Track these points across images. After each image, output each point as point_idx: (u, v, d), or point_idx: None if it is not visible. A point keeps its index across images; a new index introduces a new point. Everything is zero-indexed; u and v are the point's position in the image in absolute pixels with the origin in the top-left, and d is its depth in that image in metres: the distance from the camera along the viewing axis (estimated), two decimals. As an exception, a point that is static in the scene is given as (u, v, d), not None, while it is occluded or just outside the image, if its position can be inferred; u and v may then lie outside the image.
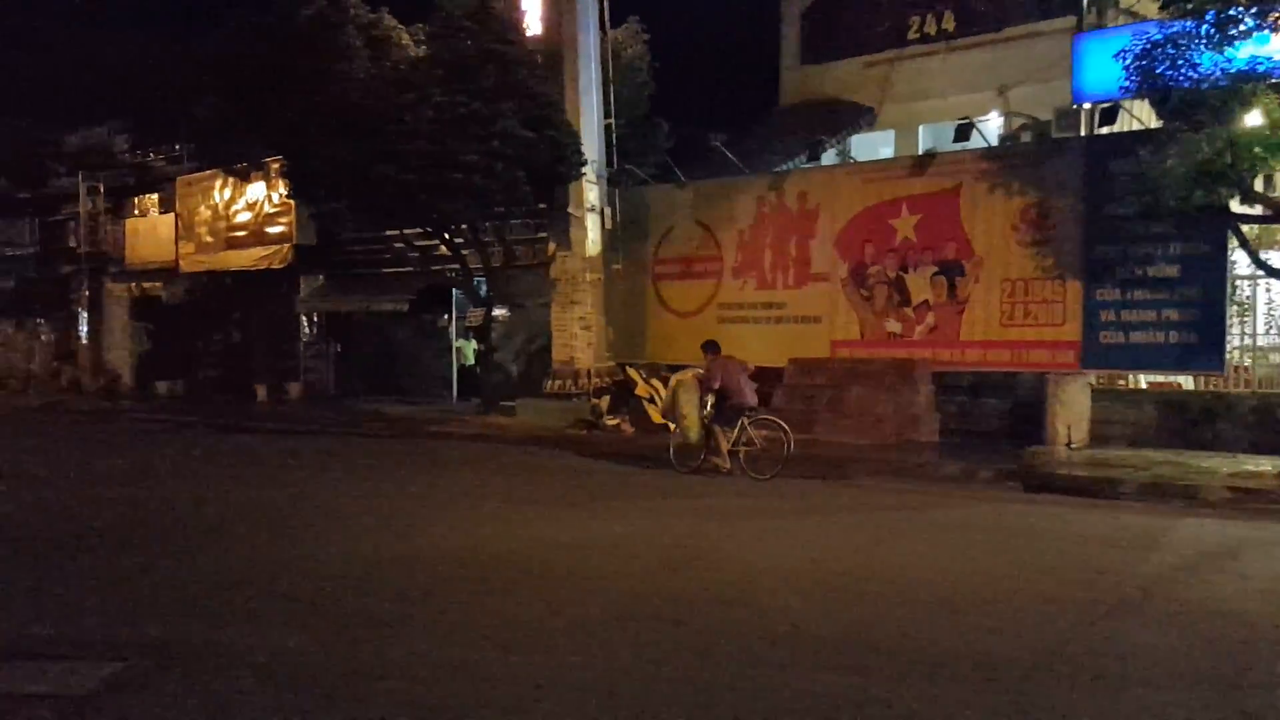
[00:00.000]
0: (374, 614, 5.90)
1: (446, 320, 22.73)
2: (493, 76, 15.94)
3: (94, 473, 12.38)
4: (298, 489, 11.03)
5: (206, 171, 26.10)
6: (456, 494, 10.75)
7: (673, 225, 18.02)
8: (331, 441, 16.24)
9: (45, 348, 31.61)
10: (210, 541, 8.07)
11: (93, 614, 5.92)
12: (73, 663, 4.95)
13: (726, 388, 12.19)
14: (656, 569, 7.14)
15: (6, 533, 8.41)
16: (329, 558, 7.45)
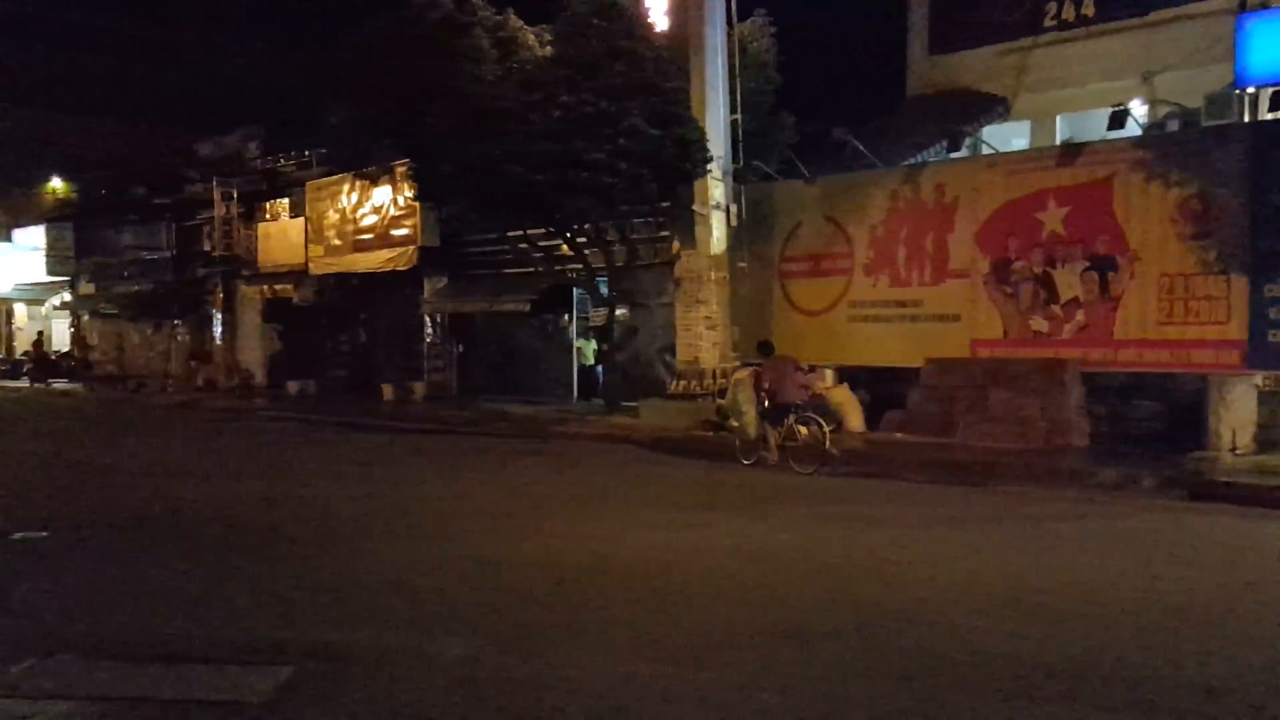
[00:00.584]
0: (543, 622, 5.71)
1: (567, 320, 22.70)
2: (620, 74, 15.77)
3: (239, 471, 12.57)
4: (442, 489, 11.00)
5: (335, 176, 26.74)
6: (598, 497, 10.53)
7: (800, 222, 17.58)
8: (461, 441, 16.30)
9: (181, 348, 32.81)
10: (363, 542, 8.01)
11: (254, 615, 5.88)
12: (244, 668, 4.88)
13: (773, 387, 12.91)
14: (823, 580, 6.81)
15: (164, 531, 8.51)
16: (487, 561, 7.29)
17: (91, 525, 8.71)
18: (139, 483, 11.24)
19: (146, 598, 6.25)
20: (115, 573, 6.93)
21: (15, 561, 7.34)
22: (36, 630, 5.51)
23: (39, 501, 10.08)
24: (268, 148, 29.84)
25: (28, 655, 5.01)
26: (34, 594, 6.34)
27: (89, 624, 5.63)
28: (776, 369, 13.16)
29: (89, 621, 5.67)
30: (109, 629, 5.55)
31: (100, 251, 35.77)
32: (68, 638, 5.36)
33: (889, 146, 20.35)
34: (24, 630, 5.51)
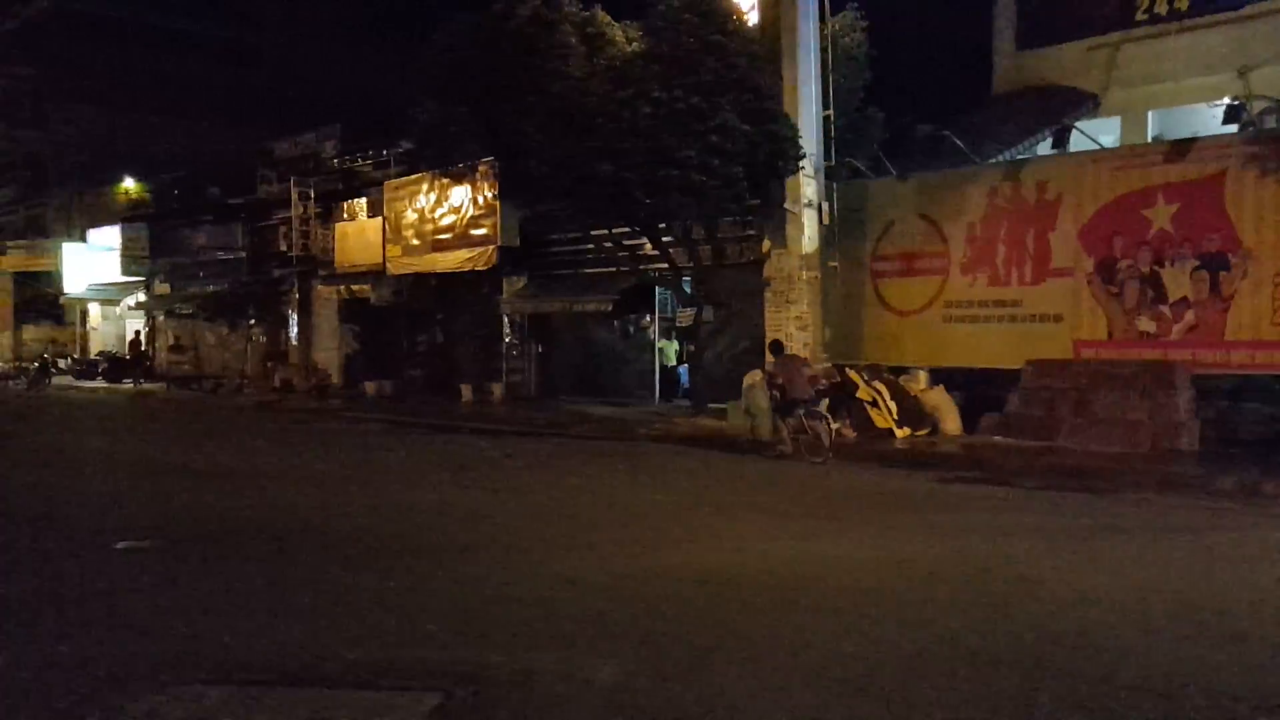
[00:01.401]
0: (698, 641, 5.43)
1: (649, 320, 22.53)
2: (712, 70, 15.57)
3: (338, 476, 12.43)
4: (545, 495, 10.79)
5: (413, 175, 26.84)
6: (708, 503, 10.26)
7: (894, 220, 17.25)
8: (549, 444, 16.17)
9: (256, 348, 33.19)
10: (484, 552, 7.78)
11: (385, 633, 5.64)
12: (389, 693, 4.63)
13: (786, 384, 13.87)
14: (974, 595, 6.47)
15: (271, 540, 8.34)
16: (624, 574, 7.03)
17: (195, 533, 8.52)
18: (238, 488, 11.12)
19: (267, 614, 6.03)
20: (229, 586, 6.69)
21: (125, 573, 7.11)
22: (163, 651, 5.29)
23: (136, 508, 9.98)
24: (345, 147, 30.08)
25: (159, 679, 4.82)
26: (152, 609, 6.15)
27: (216, 643, 5.42)
28: (787, 367, 14.14)
29: (215, 641, 5.46)
30: (238, 649, 5.33)
31: (175, 251, 36.29)
32: (197, 660, 5.15)
33: (974, 144, 19.95)
34: (150, 651, 5.29)
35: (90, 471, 12.69)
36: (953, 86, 24.75)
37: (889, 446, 14.93)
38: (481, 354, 26.14)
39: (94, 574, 7.07)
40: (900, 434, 15.34)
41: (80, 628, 5.72)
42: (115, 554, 7.76)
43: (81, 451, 15.01)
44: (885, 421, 15.45)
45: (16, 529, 8.74)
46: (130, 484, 11.70)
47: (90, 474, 12.49)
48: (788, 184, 16.64)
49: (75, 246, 40.43)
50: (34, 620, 5.91)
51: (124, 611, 6.10)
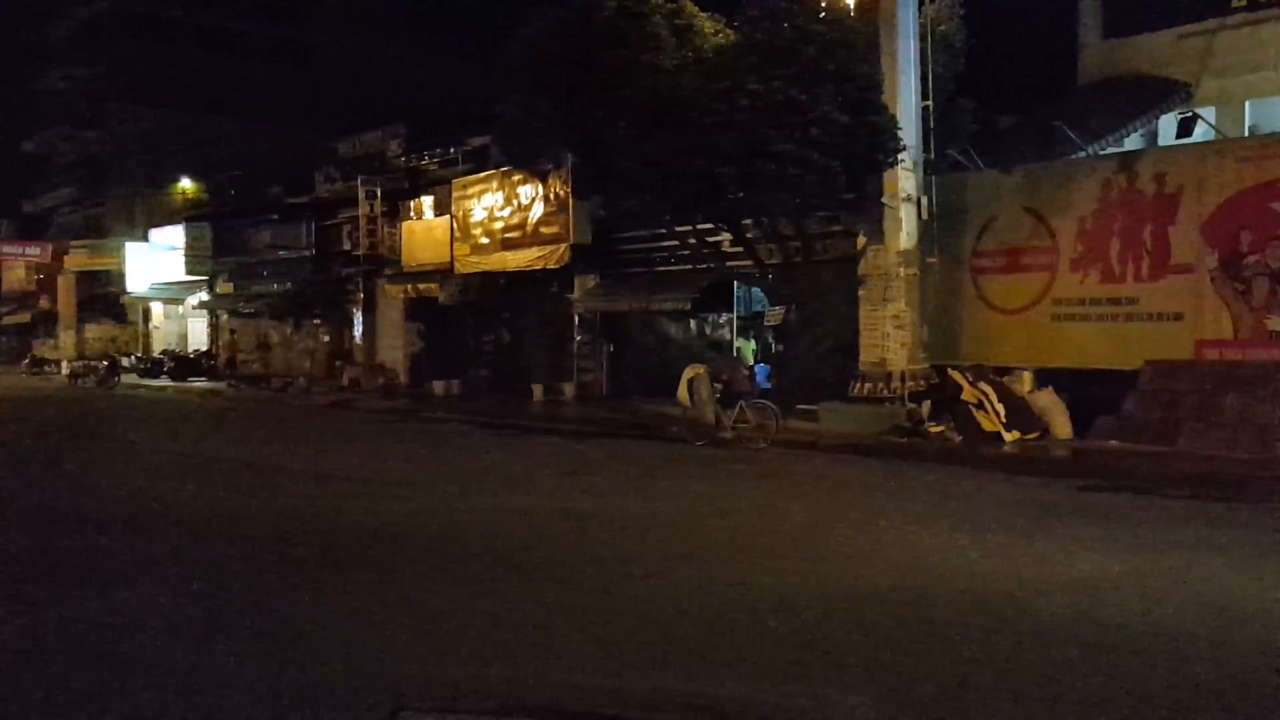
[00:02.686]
0: (929, 669, 4.95)
1: (726, 318, 22.01)
2: (810, 59, 15.01)
3: (443, 479, 11.99)
4: (672, 502, 10.22)
5: (482, 173, 26.54)
6: (848, 512, 9.62)
7: (996, 214, 16.58)
8: (639, 446, 15.68)
9: (321, 347, 33.10)
10: (644, 565, 7.24)
11: (583, 656, 5.20)
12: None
13: (730, 379, 15.55)
14: (1251, 631, 5.72)
15: (409, 549, 7.91)
16: (807, 589, 6.53)
17: (328, 543, 8.16)
18: (352, 493, 10.74)
19: (449, 636, 5.56)
20: (393, 601, 6.28)
21: (277, 584, 6.81)
22: (359, 677, 4.89)
23: (255, 514, 9.62)
24: (410, 146, 29.85)
25: (371, 708, 4.46)
26: (322, 629, 5.75)
27: (414, 668, 5.02)
28: (730, 364, 16.44)
29: (412, 665, 5.07)
30: (437, 675, 4.95)
31: (237, 251, 36.32)
32: (402, 687, 4.75)
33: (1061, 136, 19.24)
34: (344, 676, 4.90)
35: (218, 478, 12.06)
36: (1034, 76, 23.99)
37: (998, 451, 14.30)
38: (551, 353, 25.75)
39: (262, 587, 6.73)
40: (1009, 438, 14.70)
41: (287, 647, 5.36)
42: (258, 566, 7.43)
43: (193, 456, 14.52)
44: (993, 425, 14.80)
45: (183, 538, 8.47)
46: (239, 487, 11.28)
47: (219, 480, 11.84)
48: (886, 177, 16.04)
49: (138, 246, 40.63)
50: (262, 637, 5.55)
51: (326, 631, 5.70)
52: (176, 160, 44.50)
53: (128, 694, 4.66)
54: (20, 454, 15.12)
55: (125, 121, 49.26)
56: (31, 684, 4.80)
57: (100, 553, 7.84)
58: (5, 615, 5.94)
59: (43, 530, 8.82)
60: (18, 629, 5.71)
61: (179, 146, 46.27)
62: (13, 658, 5.26)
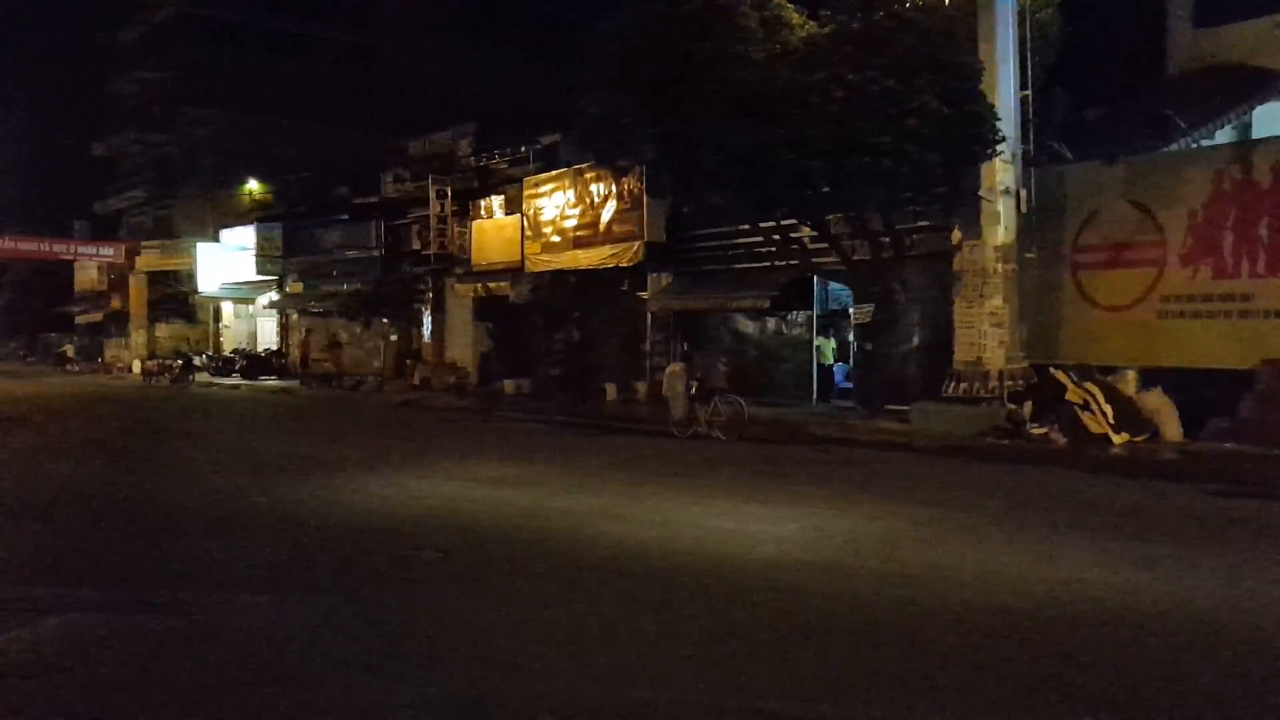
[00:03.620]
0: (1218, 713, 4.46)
1: (805, 316, 21.56)
2: (907, 48, 14.55)
3: (551, 478, 11.59)
4: (824, 520, 9.41)
5: (553, 172, 26.37)
6: (1008, 522, 9.04)
7: (1098, 208, 15.98)
8: (740, 449, 15.24)
9: (389, 347, 33.15)
10: (851, 585, 6.73)
11: (820, 680, 4.84)
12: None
13: (704, 376, 16.50)
14: None
15: (570, 558, 7.45)
16: (1040, 612, 5.95)
17: (473, 547, 7.78)
18: (468, 495, 10.39)
19: (624, 651, 5.23)
20: (575, 618, 5.84)
21: (414, 591, 6.44)
22: (540, 698, 4.58)
23: (370, 515, 9.31)
24: (480, 145, 29.77)
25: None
26: (482, 642, 5.42)
27: (595, 687, 4.72)
28: (705, 362, 17.28)
29: (591, 684, 4.76)
30: (625, 693, 4.63)
31: (307, 251, 36.56)
32: (589, 708, 4.47)
33: (1152, 127, 18.54)
34: (524, 700, 4.57)
35: (321, 478, 11.70)
36: (1119, 67, 23.23)
37: (1108, 454, 13.73)
38: (623, 352, 25.49)
39: (400, 594, 6.42)
40: (1118, 440, 14.12)
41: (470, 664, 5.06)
42: (417, 569, 7.15)
43: (289, 455, 14.27)
44: (1100, 426, 14.23)
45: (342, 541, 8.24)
46: (364, 489, 10.90)
47: (322, 480, 11.48)
48: (984, 170, 15.52)
49: (209, 246, 41.05)
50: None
51: (486, 645, 5.38)
52: (244, 162, 44.97)
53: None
54: (119, 453, 14.95)
55: (194, 124, 49.93)
56: (184, 702, 4.56)
57: (219, 555, 7.65)
58: (137, 624, 5.71)
59: (156, 532, 8.67)
60: (153, 639, 5.47)
61: (246, 148, 46.78)
62: (153, 671, 5.00)
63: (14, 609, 5.85)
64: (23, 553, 7.67)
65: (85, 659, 5.05)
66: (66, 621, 5.57)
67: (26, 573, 6.95)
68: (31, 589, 6.40)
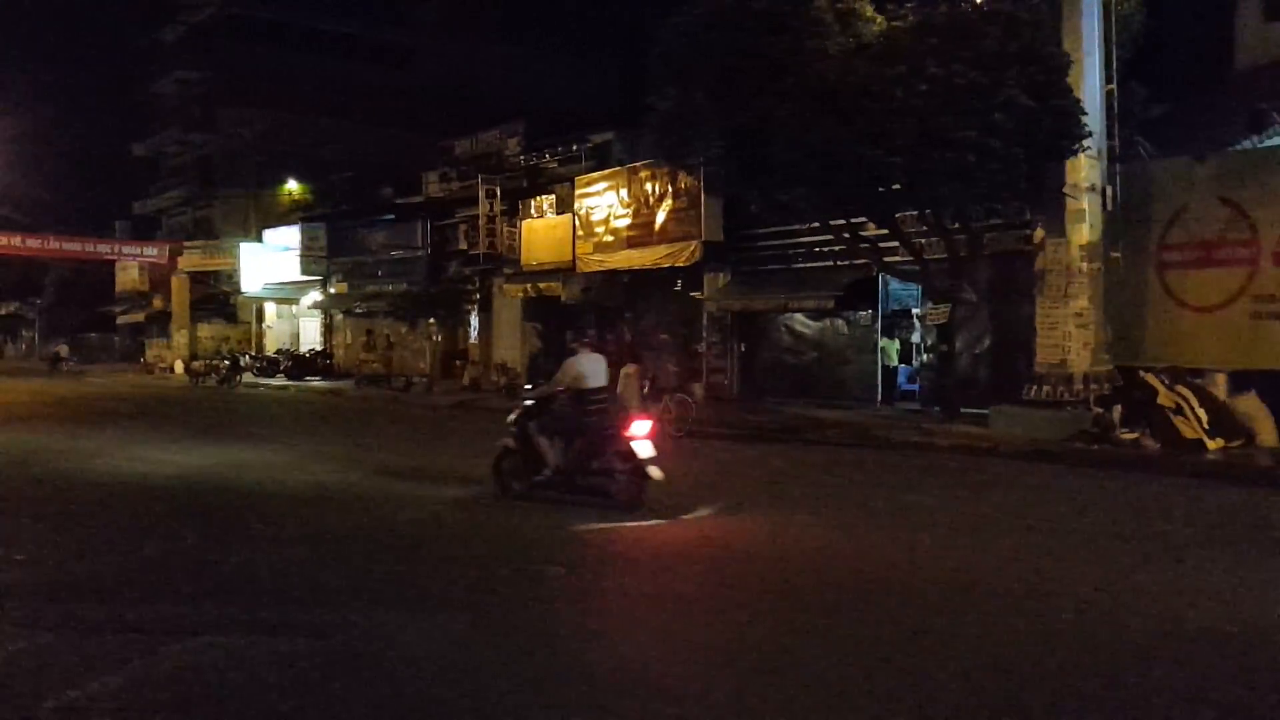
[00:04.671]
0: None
1: (870, 316, 21.12)
2: (994, 40, 14.10)
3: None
4: (945, 521, 9.21)
5: (606, 170, 26.06)
6: (1103, 532, 8.67)
7: (1186, 205, 15.45)
8: (809, 452, 14.86)
9: (434, 347, 32.93)
10: (1044, 601, 6.30)
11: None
12: None
13: (656, 376, 18.59)
14: None
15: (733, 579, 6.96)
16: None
17: (599, 564, 7.39)
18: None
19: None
20: (757, 646, 5.37)
21: (578, 618, 5.93)
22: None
23: (492, 525, 8.89)
24: (529, 144, 29.49)
25: None
26: (663, 672, 5.00)
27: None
28: (657, 363, 20.00)
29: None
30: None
31: (352, 251, 36.41)
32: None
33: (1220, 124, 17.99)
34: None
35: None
36: (1187, 61, 22.63)
37: (1203, 460, 13.22)
38: (678, 353, 25.13)
39: (549, 613, 6.00)
40: (1212, 445, 13.60)
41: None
42: (541, 585, 6.78)
43: (362, 461, 13.78)
44: (1194, 432, 13.72)
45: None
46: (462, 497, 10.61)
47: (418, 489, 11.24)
48: (1068, 166, 15.05)
49: (252, 246, 41.01)
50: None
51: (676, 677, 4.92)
52: (285, 162, 45.00)
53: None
54: (189, 458, 14.43)
55: (234, 124, 49.98)
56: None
57: (335, 567, 7.29)
58: (270, 649, 5.21)
59: (260, 541, 8.26)
60: (294, 667, 4.95)
61: (287, 148, 46.80)
62: (310, 708, 4.52)
63: (127, 634, 5.40)
64: (128, 566, 7.29)
65: (223, 693, 4.62)
66: (191, 647, 5.15)
67: (133, 590, 6.59)
68: (141, 608, 6.02)
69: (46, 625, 5.53)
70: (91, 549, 7.82)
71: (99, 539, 8.25)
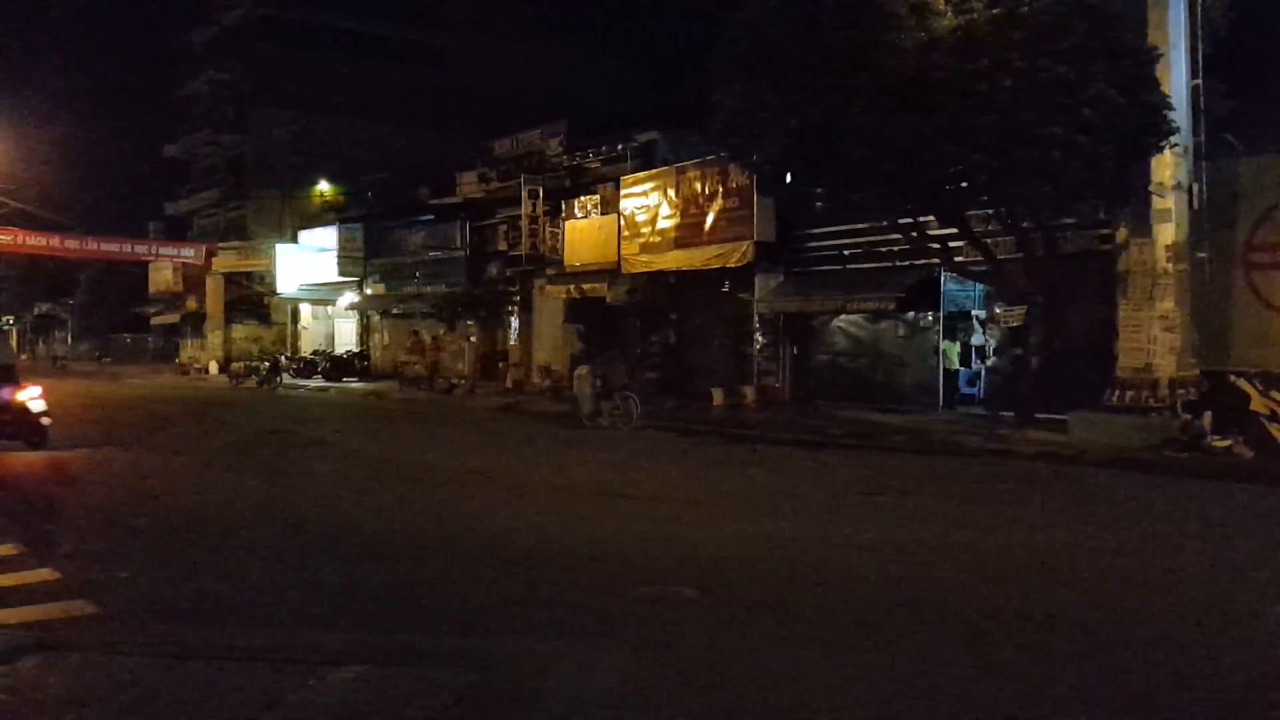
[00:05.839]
0: None
1: (931, 318, 20.65)
2: (1081, 34, 13.63)
3: (728, 500, 10.82)
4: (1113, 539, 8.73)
5: (653, 170, 25.68)
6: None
7: (1275, 204, 14.95)
8: (883, 458, 14.40)
9: (472, 349, 32.61)
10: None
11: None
12: None
13: (607, 377, 19.01)
14: None
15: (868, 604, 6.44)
16: None
17: (727, 585, 6.87)
18: (661, 515, 9.56)
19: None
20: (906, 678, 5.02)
21: (734, 642, 5.55)
22: None
23: (604, 539, 8.44)
24: (571, 144, 29.14)
25: None
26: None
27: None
28: (609, 364, 19.73)
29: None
30: None
31: (389, 252, 36.22)
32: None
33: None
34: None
35: (496, 495, 10.94)
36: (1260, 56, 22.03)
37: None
38: (727, 355, 24.71)
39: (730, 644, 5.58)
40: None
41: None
42: (666, 605, 6.38)
43: (438, 467, 13.40)
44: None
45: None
46: (549, 505, 10.25)
47: (498, 497, 10.77)
48: (1153, 164, 14.57)
49: (287, 247, 40.84)
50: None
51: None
52: (318, 162, 44.89)
53: None
54: (267, 465, 13.83)
55: (266, 125, 49.94)
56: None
57: (457, 586, 6.86)
58: (435, 680, 4.76)
59: (366, 558, 7.80)
60: (468, 698, 4.53)
61: (320, 149, 46.72)
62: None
63: (273, 662, 5.01)
64: (242, 586, 6.92)
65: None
66: (344, 679, 4.74)
67: (254, 611, 6.25)
68: (273, 633, 5.68)
69: (187, 652, 5.17)
70: (198, 566, 7.49)
71: (199, 554, 7.92)
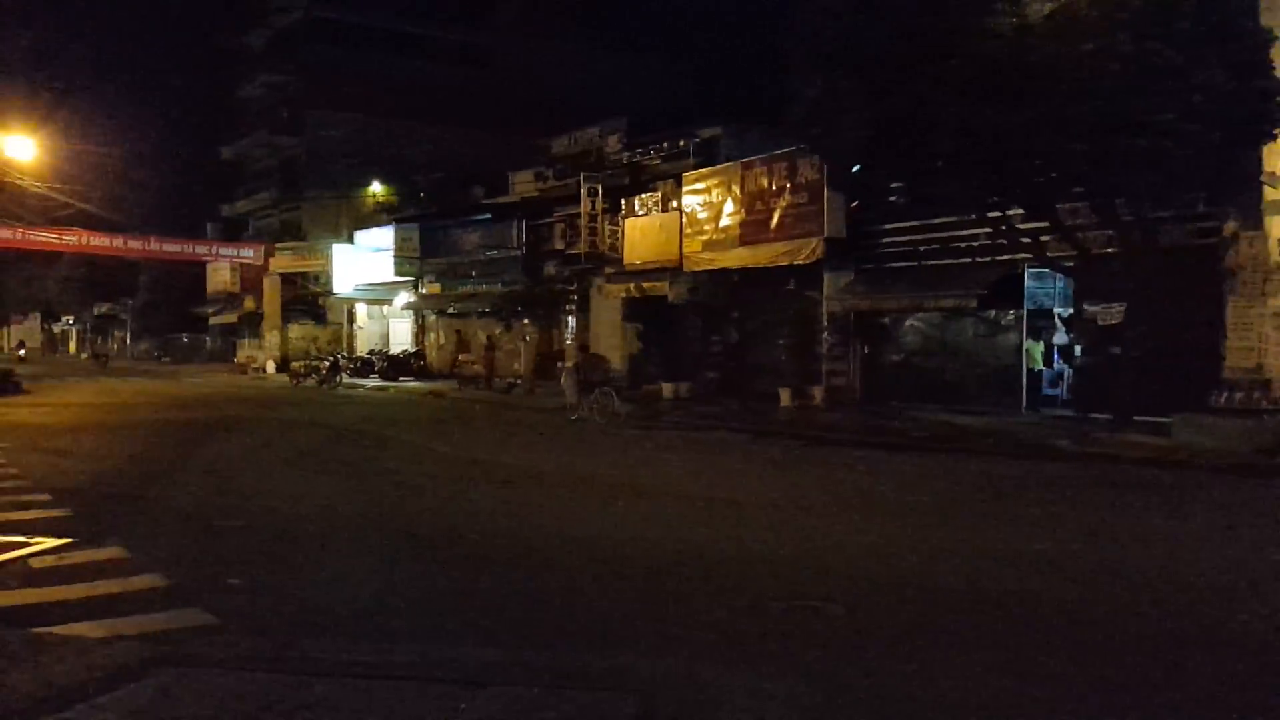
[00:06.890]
0: None
1: (1013, 316, 19.91)
2: (1190, 16, 12.92)
3: (846, 508, 10.18)
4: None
5: (716, 166, 25.18)
6: None
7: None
8: (979, 462, 13.68)
9: (527, 348, 32.29)
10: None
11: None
12: None
13: (588, 373, 20.11)
14: None
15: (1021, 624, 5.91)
16: None
17: (864, 597, 6.40)
18: (790, 523, 9.03)
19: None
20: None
21: (918, 667, 5.10)
22: None
23: (741, 556, 7.81)
24: (630, 141, 28.70)
25: None
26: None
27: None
28: (591, 360, 21.00)
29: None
30: None
31: (445, 251, 36.00)
32: None
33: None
34: None
35: (598, 501, 10.46)
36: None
37: None
38: (793, 354, 24.11)
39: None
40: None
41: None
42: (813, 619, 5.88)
43: (527, 469, 12.84)
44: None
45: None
46: (662, 514, 9.66)
47: (609, 504, 10.30)
48: (1265, 152, 13.80)
49: (343, 247, 40.86)
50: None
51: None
52: (371, 163, 44.90)
53: None
54: (350, 466, 13.34)
55: (321, 126, 50.10)
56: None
57: (581, 598, 6.43)
58: (584, 705, 4.35)
59: (475, 565, 7.35)
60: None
61: (374, 150, 46.78)
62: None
63: (414, 681, 4.57)
64: (365, 594, 6.48)
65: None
66: (508, 698, 4.30)
67: (379, 622, 5.86)
68: (407, 647, 5.29)
69: (320, 668, 4.74)
70: (305, 572, 7.12)
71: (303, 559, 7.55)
